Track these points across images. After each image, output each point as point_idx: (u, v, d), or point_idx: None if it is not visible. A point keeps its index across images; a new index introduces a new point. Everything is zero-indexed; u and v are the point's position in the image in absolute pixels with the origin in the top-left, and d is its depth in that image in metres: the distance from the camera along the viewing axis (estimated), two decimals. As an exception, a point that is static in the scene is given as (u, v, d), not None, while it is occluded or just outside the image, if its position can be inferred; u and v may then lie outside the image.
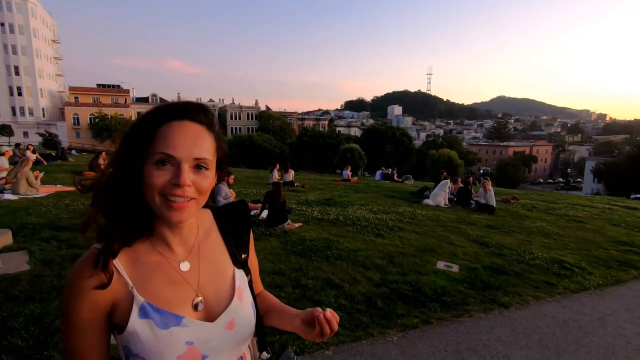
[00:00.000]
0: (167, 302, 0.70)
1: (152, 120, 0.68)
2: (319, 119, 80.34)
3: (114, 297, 0.67)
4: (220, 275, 0.78)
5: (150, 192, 0.66)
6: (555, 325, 3.36)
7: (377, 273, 4.16)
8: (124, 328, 0.67)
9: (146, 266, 0.70)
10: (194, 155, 0.67)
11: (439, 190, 9.34)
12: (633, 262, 5.52)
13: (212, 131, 0.72)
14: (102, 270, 0.66)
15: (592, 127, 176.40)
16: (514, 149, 74.29)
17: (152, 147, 0.66)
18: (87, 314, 0.65)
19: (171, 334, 0.67)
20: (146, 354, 0.66)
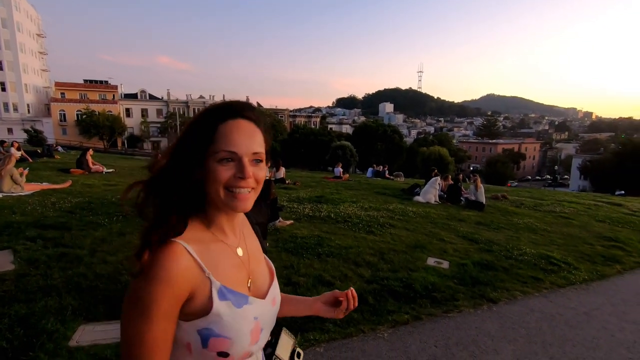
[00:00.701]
0: (235, 284, 0.76)
1: (210, 120, 0.74)
2: (310, 116, 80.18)
3: (192, 284, 0.70)
4: (259, 259, 0.88)
5: (216, 186, 0.72)
6: (542, 319, 3.42)
7: (368, 270, 4.18)
8: (208, 311, 0.70)
9: (214, 253, 0.75)
10: (252, 150, 0.74)
11: (430, 188, 9.42)
12: (617, 257, 5.65)
13: (260, 127, 0.78)
14: (183, 259, 0.69)
15: (579, 125, 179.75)
16: (503, 147, 75.33)
17: (214, 146, 0.72)
18: (168, 303, 0.66)
19: (244, 311, 0.75)
20: (228, 331, 0.71)
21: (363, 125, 47.23)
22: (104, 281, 3.36)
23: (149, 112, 54.02)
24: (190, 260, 0.70)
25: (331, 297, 0.98)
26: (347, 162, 29.35)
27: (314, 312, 0.98)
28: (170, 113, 52.27)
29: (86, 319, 2.74)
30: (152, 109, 54.44)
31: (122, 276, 3.48)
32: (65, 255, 3.89)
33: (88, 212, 5.74)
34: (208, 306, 0.70)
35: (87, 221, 5.21)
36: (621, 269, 5.21)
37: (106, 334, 2.57)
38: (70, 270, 3.52)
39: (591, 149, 71.51)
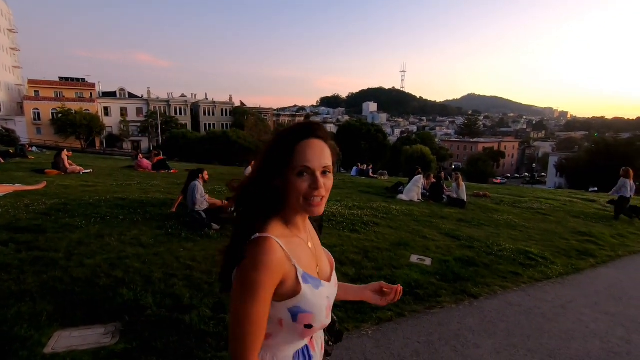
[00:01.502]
0: (311, 270, 0.95)
1: (289, 139, 0.90)
2: (294, 115, 80.00)
3: (284, 271, 0.87)
4: (322, 251, 1.08)
5: (296, 195, 0.89)
6: (521, 313, 3.52)
7: (352, 268, 4.20)
8: (297, 293, 0.88)
9: (294, 246, 0.93)
10: (323, 165, 0.90)
11: (412, 186, 9.54)
12: (591, 251, 5.87)
13: (328, 143, 0.94)
14: (279, 251, 0.86)
15: (555, 124, 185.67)
16: (484, 145, 76.98)
17: (293, 161, 0.88)
18: (269, 286, 0.84)
19: (321, 292, 0.93)
20: (311, 307, 0.90)
21: (347, 125, 47.41)
22: (81, 285, 3.26)
23: (129, 110, 52.59)
24: (282, 252, 0.87)
25: (377, 287, 1.21)
26: (331, 161, 29.34)
27: (362, 299, 1.22)
28: (151, 112, 50.99)
29: (62, 325, 2.65)
30: (132, 108, 53.03)
31: (100, 279, 3.39)
32: (39, 259, 3.75)
33: (64, 214, 5.55)
34: (297, 289, 0.89)
35: (63, 223, 5.04)
36: (595, 262, 5.42)
37: (83, 340, 2.49)
38: (45, 274, 3.40)
39: (567, 147, 74.02)
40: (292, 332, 0.91)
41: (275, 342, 0.93)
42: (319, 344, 1.05)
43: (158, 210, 6.17)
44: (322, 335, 1.09)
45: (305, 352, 0.98)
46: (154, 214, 5.91)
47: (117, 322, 2.73)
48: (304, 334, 0.92)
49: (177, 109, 55.91)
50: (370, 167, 18.10)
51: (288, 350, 0.95)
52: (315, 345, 1.02)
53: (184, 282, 3.48)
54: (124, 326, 2.69)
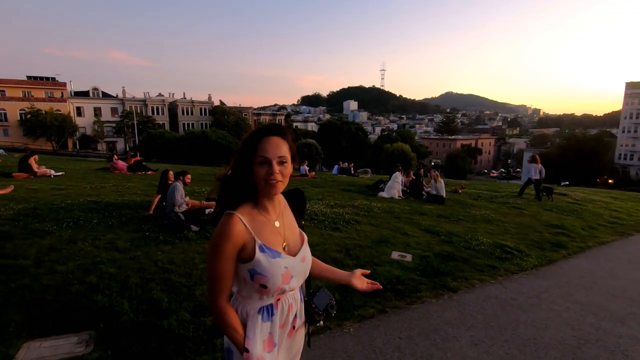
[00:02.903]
0: (272, 244, 1.18)
1: (254, 138, 1.16)
2: (275, 114, 79.41)
3: (244, 240, 1.14)
4: (294, 231, 1.29)
5: (259, 180, 1.15)
6: (498, 305, 3.62)
7: (334, 266, 4.20)
8: (252, 258, 1.14)
9: (258, 223, 1.18)
10: (278, 155, 1.15)
11: (392, 183, 9.66)
12: (563, 243, 6.11)
13: (286, 140, 1.19)
14: (239, 224, 1.14)
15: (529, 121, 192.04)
16: (462, 142, 78.83)
17: (256, 154, 1.14)
18: (230, 250, 1.12)
19: (277, 261, 1.16)
20: (265, 272, 1.14)
21: (328, 123, 47.51)
22: (52, 293, 3.12)
23: (103, 110, 50.80)
24: (242, 225, 1.14)
25: (359, 272, 1.47)
26: (312, 159, 29.39)
27: (348, 283, 1.43)
28: (127, 112, 49.40)
29: (32, 335, 2.53)
30: (106, 108, 51.26)
31: (72, 286, 3.26)
32: (6, 267, 3.57)
33: (34, 219, 5.31)
34: (252, 255, 1.14)
35: (33, 229, 4.82)
36: (566, 253, 5.64)
37: (55, 350, 2.39)
38: (12, 282, 3.24)
39: (540, 143, 76.77)
40: (251, 289, 1.17)
41: (242, 295, 1.21)
42: (286, 307, 1.23)
43: (134, 212, 6.00)
44: (295, 302, 1.27)
45: (270, 309, 1.20)
46: (130, 216, 5.74)
47: (91, 330, 2.63)
48: (261, 292, 1.17)
49: (154, 109, 54.46)
50: (351, 165, 18.20)
51: (254, 304, 1.19)
52: (280, 307, 1.22)
53: (162, 286, 3.39)
54: (98, 334, 2.60)
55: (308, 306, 1.30)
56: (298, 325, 1.29)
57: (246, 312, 1.19)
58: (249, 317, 1.19)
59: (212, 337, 2.61)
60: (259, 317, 1.18)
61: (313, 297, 1.32)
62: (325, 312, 1.31)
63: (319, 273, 1.44)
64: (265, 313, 1.19)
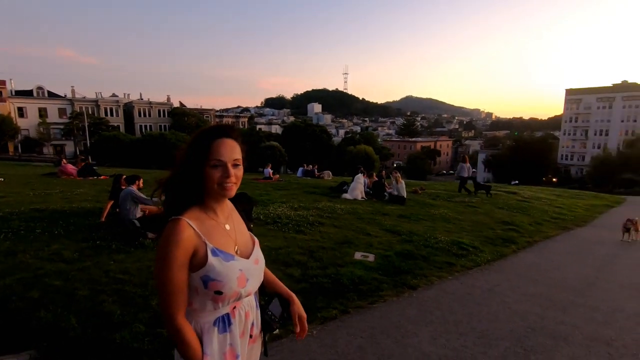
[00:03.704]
0: (224, 247, 1.13)
1: (206, 139, 1.11)
2: (238, 116, 77.91)
3: (195, 245, 1.07)
4: (245, 233, 1.26)
5: (211, 183, 1.10)
6: (454, 300, 3.78)
7: (297, 269, 4.19)
8: (205, 263, 1.07)
9: (208, 227, 1.12)
10: (233, 158, 1.12)
11: (355, 184, 9.82)
12: (513, 238, 6.52)
13: (239, 142, 1.16)
14: (188, 230, 1.07)
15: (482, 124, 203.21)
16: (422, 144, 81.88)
17: (209, 156, 1.09)
18: (180, 258, 1.04)
19: (231, 264, 1.11)
20: (220, 277, 1.08)
21: (292, 126, 47.45)
22: (-13, 311, 2.84)
23: (49, 111, 47.11)
24: (192, 230, 1.07)
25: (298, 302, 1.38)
26: (277, 162, 29.17)
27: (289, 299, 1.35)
28: (77, 113, 46.18)
29: (-40, 360, 2.28)
30: (53, 108, 47.58)
31: (11, 303, 2.98)
32: None
33: (-35, 230, 4.80)
34: (205, 260, 1.07)
35: (-36, 241, 4.36)
36: (516, 248, 6.02)
37: (-11, 374, 2.17)
38: (-62, 302, 2.91)
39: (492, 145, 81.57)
40: (205, 298, 1.10)
41: (195, 308, 1.11)
42: (242, 315, 1.18)
43: (84, 220, 5.62)
44: (252, 309, 1.23)
45: (226, 319, 1.14)
46: (80, 225, 5.37)
47: (32, 350, 2.42)
48: (216, 300, 1.10)
49: (107, 110, 51.41)
50: (315, 167, 18.27)
51: (208, 317, 1.12)
52: (237, 315, 1.17)
53: (114, 297, 3.20)
54: (40, 353, 2.39)
55: (264, 313, 1.27)
56: (255, 333, 1.25)
57: (200, 327, 1.11)
58: (204, 331, 1.11)
59: (169, 349, 2.50)
60: (215, 330, 1.11)
61: (268, 305, 1.29)
62: (281, 319, 1.29)
63: (266, 283, 1.38)
64: (221, 324, 1.12)
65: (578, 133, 63.02)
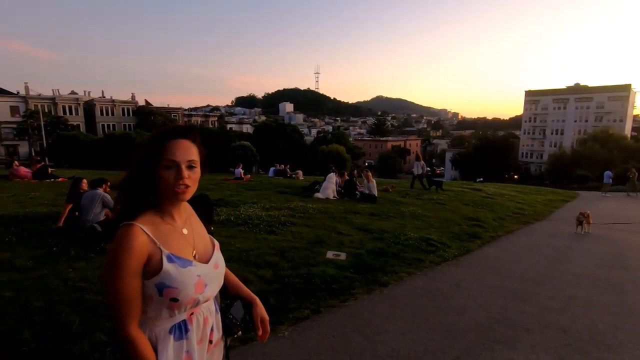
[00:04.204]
0: (181, 252, 1.09)
1: (159, 140, 1.08)
2: (208, 115, 76.12)
3: (148, 252, 1.03)
4: (204, 237, 1.22)
5: (165, 185, 1.06)
6: (424, 295, 3.88)
7: (269, 270, 4.15)
8: (160, 269, 1.04)
9: (163, 232, 1.08)
10: (187, 159, 1.08)
11: (327, 184, 9.86)
12: (478, 233, 6.79)
13: (196, 143, 1.14)
14: (140, 236, 1.03)
15: (449, 124, 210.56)
16: (392, 143, 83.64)
17: (162, 157, 1.06)
18: (133, 265, 1.00)
19: (189, 270, 1.08)
20: (176, 283, 1.04)
21: (264, 125, 46.97)
22: None
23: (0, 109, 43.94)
24: (145, 236, 1.03)
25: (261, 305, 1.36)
26: (248, 162, 28.79)
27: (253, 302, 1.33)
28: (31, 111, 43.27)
29: None
30: (4, 106, 44.29)
31: (-46, 318, 2.74)
32: None
33: None
34: (160, 267, 1.04)
35: None
36: (481, 243, 6.28)
37: None
38: None
39: (459, 144, 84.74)
40: (160, 306, 1.06)
41: (150, 317, 1.07)
42: (201, 320, 1.15)
43: (40, 226, 5.28)
44: (211, 314, 1.20)
45: (182, 326, 1.10)
46: (34, 230, 5.03)
47: (-21, 368, 2.24)
48: (172, 307, 1.06)
49: (66, 108, 48.54)
50: (287, 167, 18.19)
51: (164, 325, 1.08)
52: (195, 321, 1.13)
53: (73, 307, 3.02)
54: (-12, 371, 2.22)
55: (225, 317, 1.24)
56: (215, 339, 1.21)
57: (155, 335, 1.07)
58: (159, 339, 1.07)
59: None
60: (170, 338, 1.07)
61: (230, 308, 1.26)
62: (243, 322, 1.26)
63: (227, 285, 1.35)
64: (177, 331, 1.09)
65: (536, 132, 66.76)
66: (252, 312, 1.30)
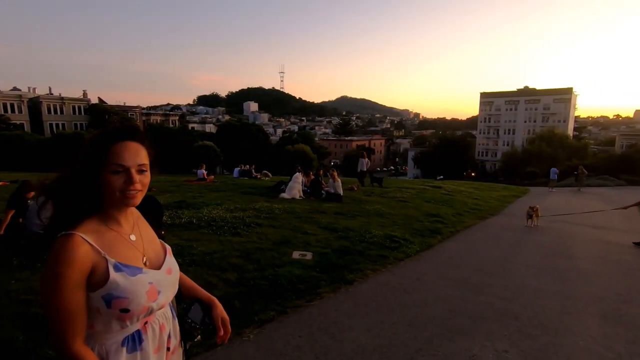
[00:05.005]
0: (129, 260, 1.03)
1: (105, 141, 1.00)
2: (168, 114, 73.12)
3: (92, 263, 0.96)
4: (154, 242, 1.17)
5: (112, 191, 0.99)
6: (388, 291, 3.98)
7: (234, 273, 4.06)
8: (107, 280, 0.97)
9: (108, 240, 1.02)
10: (137, 163, 1.02)
11: (293, 184, 9.84)
12: (439, 229, 7.06)
13: (145, 145, 1.07)
14: (82, 246, 0.95)
15: (411, 124, 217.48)
16: (357, 143, 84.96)
17: (108, 161, 0.98)
18: (75, 278, 0.93)
19: (139, 278, 1.02)
20: (125, 293, 0.98)
21: (227, 124, 46.02)
22: None
23: None
24: (88, 246, 0.96)
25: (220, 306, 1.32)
26: (211, 162, 28.04)
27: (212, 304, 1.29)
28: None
29: None
30: None
31: None
32: None
33: None
34: (106, 277, 0.97)
35: None
36: (441, 238, 6.54)
37: None
38: None
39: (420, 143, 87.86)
40: (109, 318, 0.99)
41: (98, 330, 1.01)
42: (157, 328, 1.10)
43: (-24, 235, 4.80)
44: (167, 321, 1.14)
45: (136, 336, 1.04)
46: (-30, 240, 4.58)
47: None
48: (122, 318, 1.00)
49: (7, 106, 44.57)
50: (252, 167, 17.93)
51: (115, 337, 1.01)
52: (150, 330, 1.08)
53: (17, 322, 2.78)
54: None
55: (183, 322, 1.20)
56: (173, 345, 1.16)
57: (106, 350, 1.01)
58: (110, 354, 1.01)
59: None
60: (123, 350, 1.02)
61: (188, 312, 1.22)
62: (203, 326, 1.23)
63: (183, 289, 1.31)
64: (130, 343, 1.03)
65: (491, 132, 70.77)
66: (211, 314, 1.26)
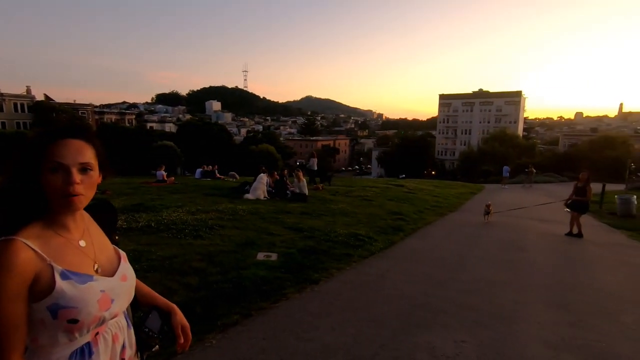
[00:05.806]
0: (79, 267, 0.96)
1: (43, 139, 0.94)
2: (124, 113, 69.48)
3: (35, 270, 0.89)
4: (107, 248, 1.09)
5: (52, 192, 0.92)
6: (352, 289, 4.02)
7: (195, 277, 3.91)
8: (52, 289, 0.89)
9: (55, 246, 0.94)
10: (79, 161, 0.94)
11: (257, 184, 9.69)
12: (401, 226, 7.26)
13: (92, 143, 1.00)
14: (23, 252, 0.87)
15: (375, 124, 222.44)
16: (322, 143, 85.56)
17: (46, 159, 0.92)
18: (15, 288, 0.86)
19: (89, 286, 0.95)
20: (74, 302, 0.91)
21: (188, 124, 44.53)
22: None
23: None
24: (30, 252, 0.89)
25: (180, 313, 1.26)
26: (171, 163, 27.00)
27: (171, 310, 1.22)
28: None
29: None
30: None
31: None
32: None
33: None
34: (51, 286, 0.90)
35: None
36: (404, 235, 6.72)
37: None
38: None
39: (383, 143, 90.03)
40: (55, 331, 0.92)
41: (42, 344, 0.93)
42: (109, 339, 1.02)
43: None
44: (121, 330, 1.07)
45: (86, 349, 0.96)
46: None
47: None
48: (70, 330, 0.92)
49: None
50: (215, 168, 17.44)
51: (62, 351, 0.94)
52: (102, 341, 1.00)
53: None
54: None
55: (140, 331, 1.13)
56: (129, 356, 1.10)
57: None
58: None
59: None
60: None
61: (145, 320, 1.14)
62: (162, 334, 1.16)
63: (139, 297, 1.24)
64: (79, 356, 0.96)
65: (449, 132, 74.10)
66: (170, 322, 1.19)
